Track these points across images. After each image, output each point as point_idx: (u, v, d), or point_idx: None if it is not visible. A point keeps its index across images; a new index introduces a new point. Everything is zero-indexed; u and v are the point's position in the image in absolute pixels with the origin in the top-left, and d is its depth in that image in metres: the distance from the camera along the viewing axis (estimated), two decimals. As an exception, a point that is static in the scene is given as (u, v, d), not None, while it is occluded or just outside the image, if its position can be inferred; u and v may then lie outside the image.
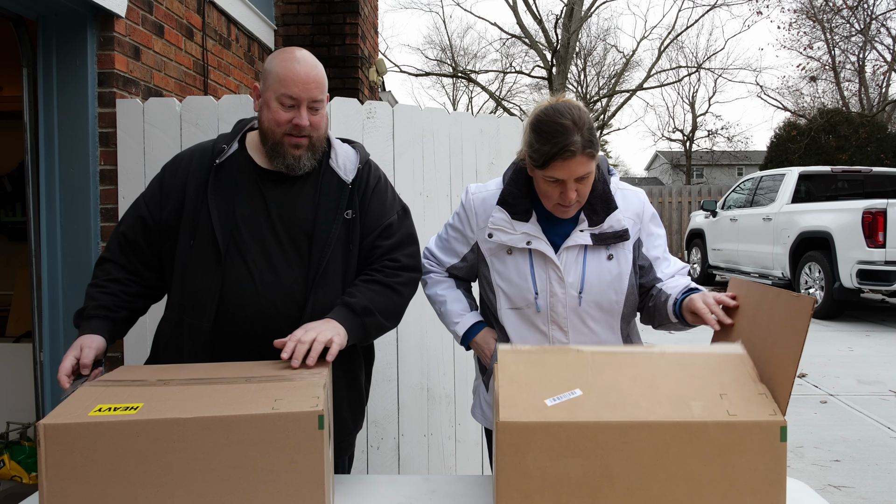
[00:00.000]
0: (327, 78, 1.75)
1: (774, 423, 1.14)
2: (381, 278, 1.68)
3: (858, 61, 21.68)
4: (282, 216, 1.67)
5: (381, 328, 1.67)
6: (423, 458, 2.85)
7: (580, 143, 1.54)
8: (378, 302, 1.64)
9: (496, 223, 1.70)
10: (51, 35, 2.77)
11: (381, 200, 1.76)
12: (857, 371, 5.70)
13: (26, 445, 3.09)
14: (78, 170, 2.79)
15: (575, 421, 1.15)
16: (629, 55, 25.26)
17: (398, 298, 1.70)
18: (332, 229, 1.67)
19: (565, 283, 1.67)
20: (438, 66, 28.38)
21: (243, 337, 1.61)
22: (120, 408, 1.19)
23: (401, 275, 1.71)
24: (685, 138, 30.05)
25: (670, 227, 15.30)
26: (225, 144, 1.72)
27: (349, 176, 1.72)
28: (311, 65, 1.65)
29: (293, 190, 1.69)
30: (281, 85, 1.62)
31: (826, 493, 3.29)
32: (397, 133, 2.78)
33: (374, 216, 1.73)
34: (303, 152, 1.66)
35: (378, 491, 1.47)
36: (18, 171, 4.59)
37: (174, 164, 1.77)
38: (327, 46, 5.02)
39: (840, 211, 7.80)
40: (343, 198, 1.70)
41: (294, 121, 1.63)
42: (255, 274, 1.63)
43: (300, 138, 1.65)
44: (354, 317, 1.58)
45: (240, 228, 1.65)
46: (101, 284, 1.70)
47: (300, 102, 1.62)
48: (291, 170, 1.67)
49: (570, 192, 1.58)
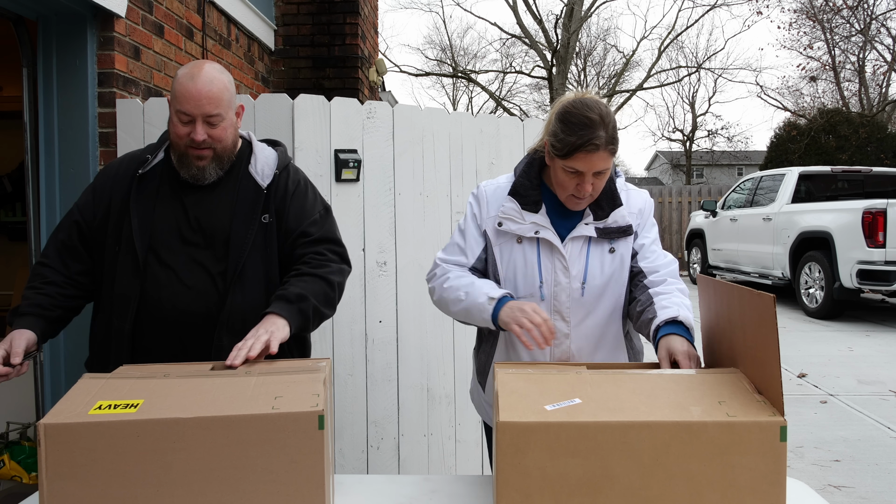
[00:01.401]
0: (328, 78, 1.76)
1: (774, 423, 1.14)
2: (307, 270, 1.75)
3: (858, 61, 21.68)
4: (200, 223, 1.75)
5: (319, 314, 1.73)
6: (423, 458, 2.85)
7: (605, 139, 1.58)
8: (310, 289, 1.70)
9: (506, 212, 1.74)
10: (51, 35, 2.77)
11: (301, 203, 1.83)
12: (857, 371, 5.70)
13: (26, 445, 3.09)
14: (78, 170, 2.79)
15: (575, 421, 1.16)
16: (629, 55, 25.28)
17: (327, 287, 1.75)
18: (247, 234, 1.75)
19: (570, 274, 1.71)
20: (438, 66, 28.39)
21: (164, 337, 1.71)
22: (120, 405, 1.19)
23: (328, 265, 1.78)
24: (685, 138, 30.06)
25: (670, 226, 15.30)
26: (150, 154, 1.81)
27: (265, 181, 1.80)
28: (206, 80, 1.68)
29: (211, 196, 1.78)
30: (176, 101, 1.69)
31: (826, 493, 3.29)
32: (397, 133, 2.78)
33: (294, 218, 1.81)
34: (206, 163, 1.74)
35: (378, 491, 1.47)
36: (18, 171, 4.60)
37: (104, 173, 1.86)
38: (327, 46, 5.02)
39: (840, 211, 7.80)
40: (259, 202, 1.77)
41: (190, 135, 1.69)
42: (173, 279, 1.71)
43: (201, 150, 1.72)
44: (290, 305, 1.65)
45: (159, 236, 1.74)
46: (37, 286, 1.77)
47: (194, 118, 1.68)
48: (197, 180, 1.75)
49: (586, 185, 1.63)
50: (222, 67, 1.78)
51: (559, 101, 1.70)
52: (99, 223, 1.79)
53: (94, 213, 1.80)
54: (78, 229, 1.80)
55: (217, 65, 1.77)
